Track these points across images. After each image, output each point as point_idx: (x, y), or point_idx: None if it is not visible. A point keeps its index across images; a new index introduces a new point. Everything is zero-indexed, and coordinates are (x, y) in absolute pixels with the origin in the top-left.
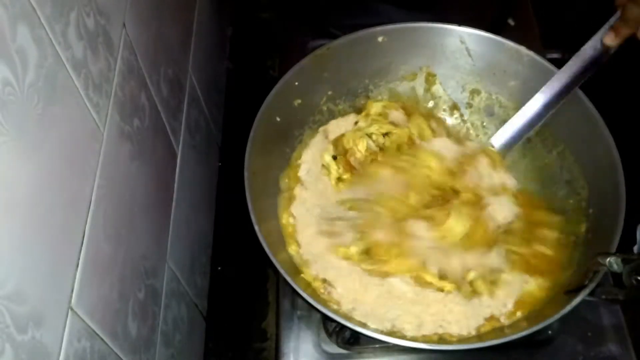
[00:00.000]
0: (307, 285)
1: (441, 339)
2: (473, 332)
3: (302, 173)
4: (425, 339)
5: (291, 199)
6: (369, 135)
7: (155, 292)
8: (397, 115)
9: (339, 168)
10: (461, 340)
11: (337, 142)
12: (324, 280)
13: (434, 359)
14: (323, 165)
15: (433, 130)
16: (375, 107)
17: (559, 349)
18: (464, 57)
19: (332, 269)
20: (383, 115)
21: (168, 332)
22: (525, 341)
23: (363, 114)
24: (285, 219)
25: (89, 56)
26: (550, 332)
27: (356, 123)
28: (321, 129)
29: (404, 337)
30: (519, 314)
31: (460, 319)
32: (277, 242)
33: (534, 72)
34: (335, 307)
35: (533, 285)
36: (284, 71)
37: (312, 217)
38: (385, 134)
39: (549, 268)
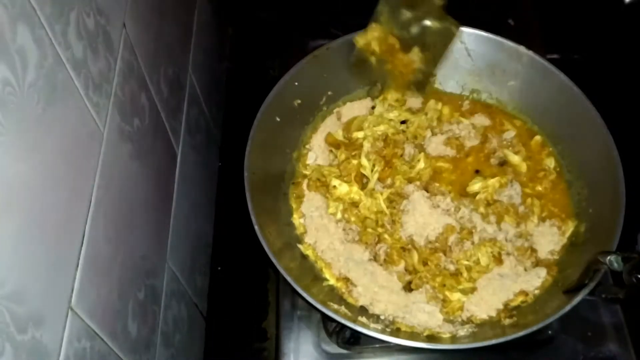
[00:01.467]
0: (319, 287)
1: (469, 320)
2: (501, 307)
3: (310, 161)
4: (449, 329)
5: (300, 197)
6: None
7: (155, 292)
8: (414, 102)
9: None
10: (485, 323)
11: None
12: (347, 280)
13: (433, 358)
14: (330, 151)
15: (451, 112)
16: (393, 93)
17: (559, 348)
18: (463, 57)
19: (354, 268)
20: (400, 101)
21: (168, 332)
22: (525, 341)
23: (380, 98)
24: (296, 220)
25: (89, 56)
26: (550, 332)
27: (373, 108)
28: (335, 110)
29: (431, 334)
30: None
31: (496, 289)
32: (277, 242)
33: (533, 71)
34: (353, 302)
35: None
36: (284, 71)
37: (324, 219)
38: (403, 122)
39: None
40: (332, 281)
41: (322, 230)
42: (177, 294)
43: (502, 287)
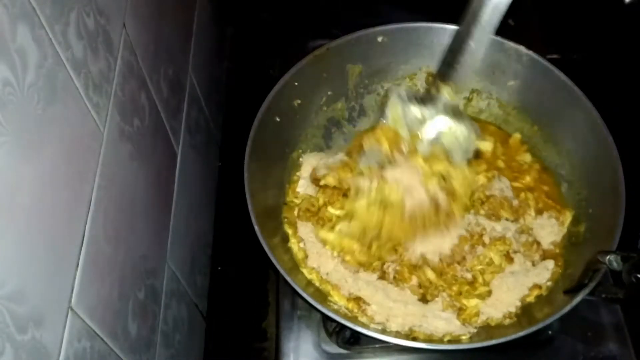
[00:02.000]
0: (324, 299)
1: (486, 323)
2: (518, 304)
3: (300, 189)
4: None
5: (293, 223)
6: None
7: (155, 292)
8: None
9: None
10: (499, 326)
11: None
12: (359, 299)
13: (434, 358)
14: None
15: None
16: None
17: (559, 349)
18: None
19: (365, 287)
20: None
21: (168, 332)
22: (525, 341)
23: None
24: (294, 245)
25: (89, 56)
26: (550, 332)
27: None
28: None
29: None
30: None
31: (510, 287)
32: (278, 242)
33: (533, 71)
34: (367, 322)
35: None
36: (284, 71)
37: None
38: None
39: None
40: (342, 303)
41: (324, 254)
42: (177, 294)
43: (516, 284)
